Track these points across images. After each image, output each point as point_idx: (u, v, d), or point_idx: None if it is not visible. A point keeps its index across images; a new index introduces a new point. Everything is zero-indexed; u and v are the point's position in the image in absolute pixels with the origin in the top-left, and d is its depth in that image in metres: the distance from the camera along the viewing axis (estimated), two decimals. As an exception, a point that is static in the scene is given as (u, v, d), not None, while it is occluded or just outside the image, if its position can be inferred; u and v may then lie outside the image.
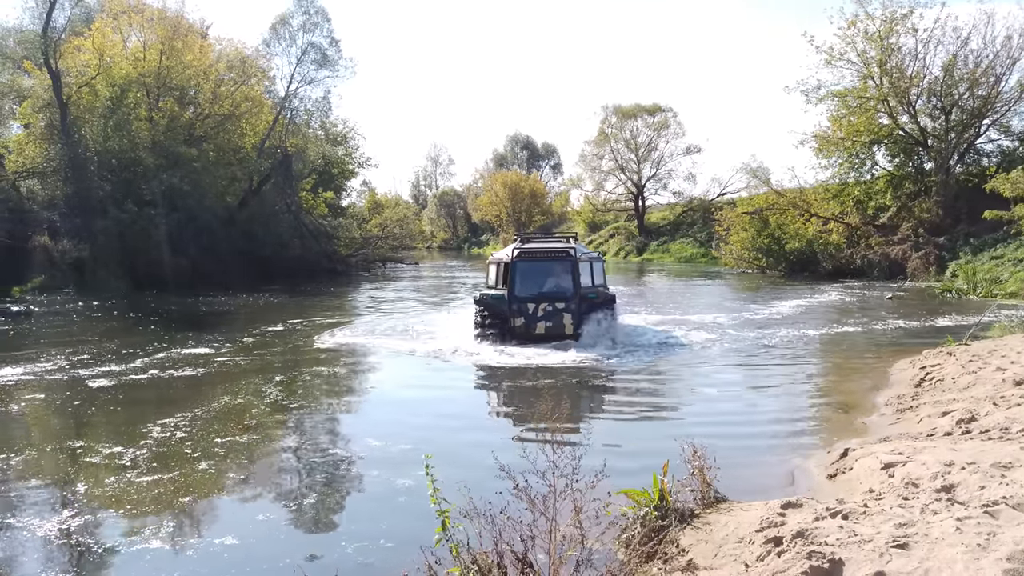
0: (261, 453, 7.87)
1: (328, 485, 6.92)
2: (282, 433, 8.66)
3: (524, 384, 11.07)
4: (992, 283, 23.32)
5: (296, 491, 6.72)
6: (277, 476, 7.20)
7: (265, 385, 11.12)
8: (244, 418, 9.09)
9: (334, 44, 38.96)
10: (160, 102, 32.34)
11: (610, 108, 61.30)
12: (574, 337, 13.77)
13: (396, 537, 5.48)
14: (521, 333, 13.78)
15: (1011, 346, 10.94)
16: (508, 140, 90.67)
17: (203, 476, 6.96)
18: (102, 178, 30.84)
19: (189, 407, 9.49)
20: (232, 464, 7.38)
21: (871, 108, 32.45)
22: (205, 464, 7.25)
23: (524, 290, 14.06)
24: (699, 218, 54.10)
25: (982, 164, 31.52)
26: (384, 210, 51.61)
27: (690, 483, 5.28)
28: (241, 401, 10.06)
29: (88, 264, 27.59)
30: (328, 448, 8.07)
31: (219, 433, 8.34)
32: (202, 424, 8.71)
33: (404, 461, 7.22)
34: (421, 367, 12.81)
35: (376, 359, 13.70)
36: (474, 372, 12.44)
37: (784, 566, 3.91)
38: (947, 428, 7.16)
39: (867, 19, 31.70)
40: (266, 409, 9.66)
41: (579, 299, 13.91)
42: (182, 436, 8.20)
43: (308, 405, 10.12)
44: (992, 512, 4.29)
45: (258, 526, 5.85)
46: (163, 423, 8.71)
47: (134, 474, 6.95)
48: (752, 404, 9.85)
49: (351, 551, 5.29)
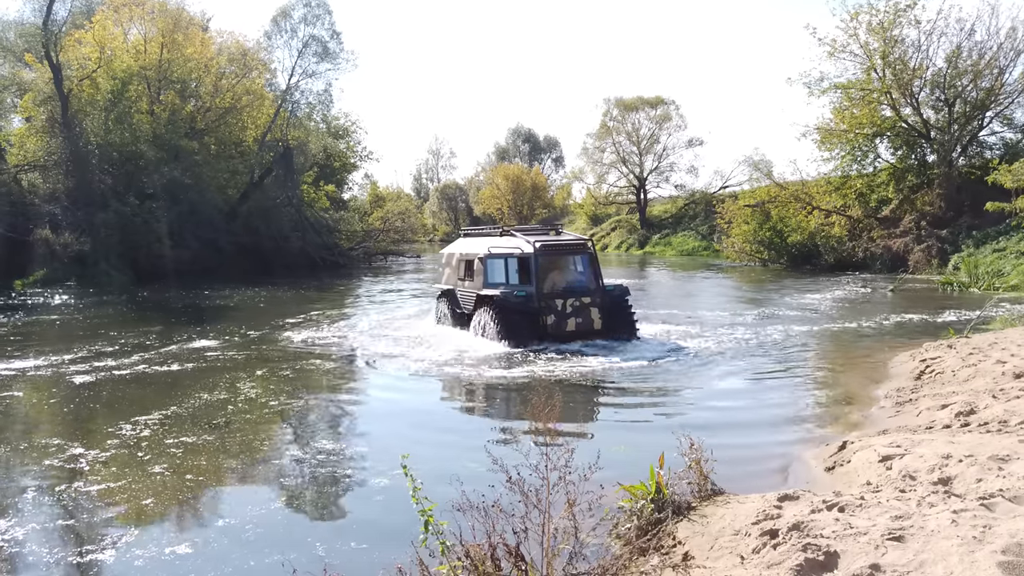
0: (223, 454, 7.49)
1: (300, 486, 6.66)
2: (250, 433, 8.31)
3: (518, 379, 10.82)
4: (994, 276, 23.26)
5: (259, 494, 6.44)
6: (236, 478, 6.90)
7: (246, 382, 10.87)
8: (215, 417, 8.83)
9: (335, 37, 39.02)
10: (161, 95, 32.37)
11: (612, 101, 61.15)
12: (603, 334, 13.23)
13: (377, 538, 5.34)
14: (554, 332, 12.93)
15: (1012, 339, 10.92)
16: (510, 133, 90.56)
17: (158, 480, 6.64)
18: (103, 171, 30.90)
19: (165, 404, 9.34)
20: (190, 466, 7.04)
21: (874, 100, 32.31)
22: (159, 468, 6.92)
23: (550, 286, 13.23)
24: (701, 211, 54.04)
25: (985, 156, 31.38)
26: (386, 203, 51.62)
27: (687, 476, 5.28)
28: (218, 398, 9.79)
29: (90, 257, 27.66)
30: (300, 448, 7.78)
31: (187, 432, 8.09)
32: (172, 423, 8.50)
33: (385, 459, 7.00)
34: (410, 365, 12.16)
35: (364, 355, 13.16)
36: (463, 368, 11.82)
37: (780, 558, 3.91)
38: (946, 421, 7.15)
39: (870, 11, 31.56)
40: (241, 407, 9.38)
41: (603, 293, 13.39)
42: (147, 435, 7.96)
43: (286, 403, 9.73)
44: (988, 505, 4.29)
45: (218, 533, 5.57)
46: (135, 420, 8.55)
47: (86, 480, 6.66)
48: (752, 397, 9.83)
49: (322, 552, 5.10)
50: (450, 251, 15.78)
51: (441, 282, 15.90)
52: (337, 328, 16.38)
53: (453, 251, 15.54)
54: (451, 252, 15.62)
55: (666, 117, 59.92)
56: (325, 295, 25.23)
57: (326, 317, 18.34)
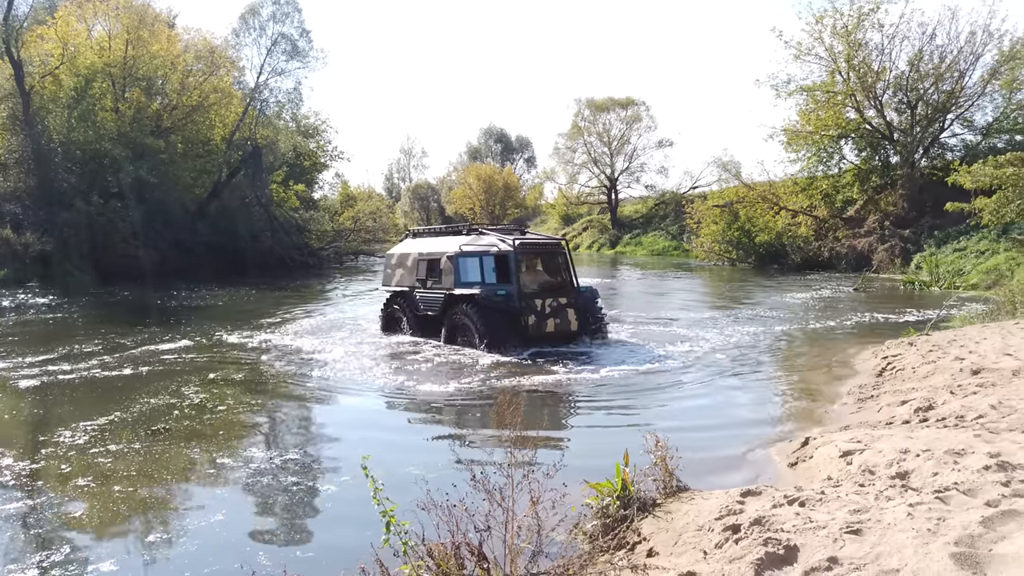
0: (159, 463, 7.06)
1: (247, 493, 6.35)
2: (193, 439, 7.89)
3: (483, 382, 10.53)
4: (955, 275, 23.81)
5: (199, 504, 6.12)
6: (175, 487, 6.51)
7: (196, 387, 10.44)
8: (157, 423, 8.46)
9: (305, 35, 38.76)
10: (126, 92, 31.80)
11: (583, 101, 61.62)
12: (577, 335, 12.96)
13: (335, 542, 5.21)
14: (534, 333, 12.46)
15: (970, 336, 11.18)
16: (482, 133, 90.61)
17: (85, 491, 6.30)
18: (67, 170, 30.31)
19: (110, 410, 8.96)
20: (122, 476, 6.64)
21: (838, 103, 32.93)
22: (83, 481, 6.51)
23: (528, 285, 12.79)
24: (671, 211, 54.61)
25: (946, 158, 32.11)
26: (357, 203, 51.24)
27: (652, 473, 5.34)
28: (165, 403, 9.39)
29: (53, 257, 27.08)
30: (249, 454, 7.41)
31: (126, 439, 7.73)
32: (113, 429, 8.14)
33: (343, 465, 6.86)
34: (370, 368, 11.74)
35: (322, 358, 12.61)
36: (422, 369, 11.53)
37: (741, 553, 3.97)
38: (905, 416, 7.31)
39: (835, 14, 32.13)
40: (187, 412, 9.00)
41: (578, 293, 13.03)
42: (83, 442, 7.61)
43: (235, 408, 9.35)
44: (943, 498, 4.39)
45: (156, 546, 5.31)
46: (75, 426, 8.19)
47: (8, 493, 6.30)
48: (719, 396, 9.91)
49: (273, 560, 4.90)
50: (402, 251, 14.89)
51: (391, 284, 14.96)
52: (298, 330, 15.99)
53: (407, 251, 14.64)
54: (404, 252, 14.75)
55: (636, 118, 60.48)
56: (292, 295, 25.01)
57: (289, 318, 18.09)
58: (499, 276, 12.68)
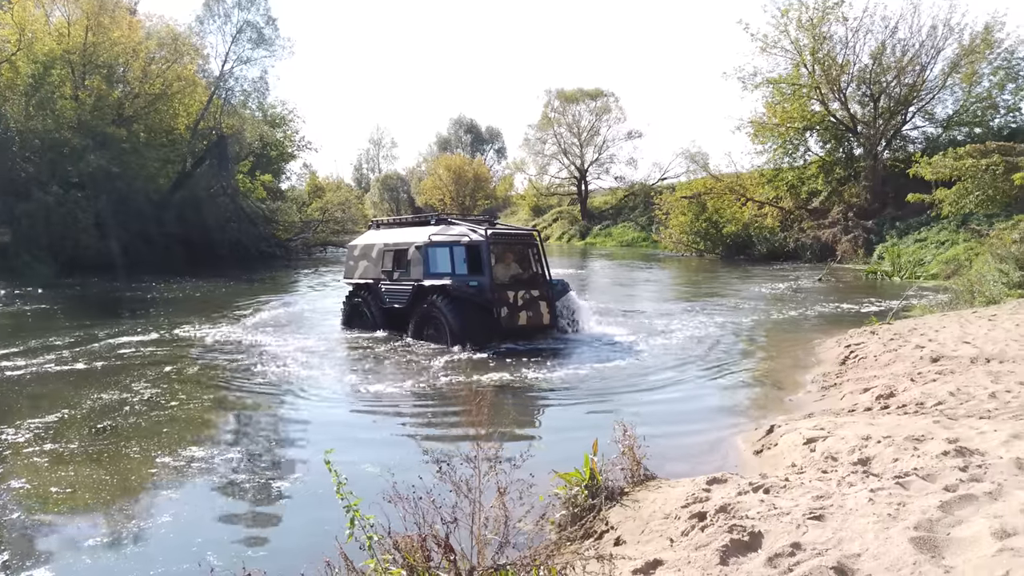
0: (100, 462, 6.70)
1: (199, 493, 6.13)
2: (137, 439, 7.47)
3: (449, 376, 10.39)
4: (916, 265, 24.31)
5: (146, 505, 5.86)
6: (114, 489, 6.15)
7: (146, 381, 10.03)
8: (104, 419, 8.13)
9: (271, 23, 38.15)
10: (86, 80, 31.01)
11: (553, 92, 61.67)
12: (550, 328, 12.81)
13: (296, 539, 5.06)
14: (506, 325, 12.20)
15: (930, 325, 11.43)
16: (452, 123, 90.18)
17: (21, 493, 6.01)
18: (25, 159, 29.50)
19: (58, 407, 8.57)
20: (61, 477, 6.36)
21: (804, 95, 33.37)
22: (18, 483, 6.17)
23: (501, 276, 12.61)
24: (640, 202, 54.98)
25: (908, 150, 32.76)
26: (325, 194, 50.74)
27: (620, 462, 5.37)
28: (115, 399, 9.01)
29: (11, 249, 26.36)
30: (202, 451, 7.07)
31: (67, 439, 7.39)
32: (57, 427, 7.80)
33: (306, 464, 6.70)
34: (331, 361, 11.49)
35: (283, 351, 12.13)
36: (387, 364, 11.26)
37: (707, 540, 4.02)
38: (867, 404, 7.45)
39: (800, 7, 32.50)
40: (137, 409, 8.62)
41: (550, 286, 12.90)
42: (23, 441, 7.29)
43: (185, 404, 8.96)
44: (903, 483, 4.48)
45: (101, 550, 5.01)
46: (17, 425, 7.83)
47: None
48: (687, 386, 9.98)
49: (222, 562, 4.61)
50: (366, 242, 14.34)
51: (354, 277, 14.37)
52: (260, 323, 15.63)
53: (371, 242, 14.12)
54: (368, 243, 14.22)
55: (606, 109, 60.69)
56: (257, 287, 24.66)
57: (252, 311, 17.74)
58: (471, 267, 12.38)
